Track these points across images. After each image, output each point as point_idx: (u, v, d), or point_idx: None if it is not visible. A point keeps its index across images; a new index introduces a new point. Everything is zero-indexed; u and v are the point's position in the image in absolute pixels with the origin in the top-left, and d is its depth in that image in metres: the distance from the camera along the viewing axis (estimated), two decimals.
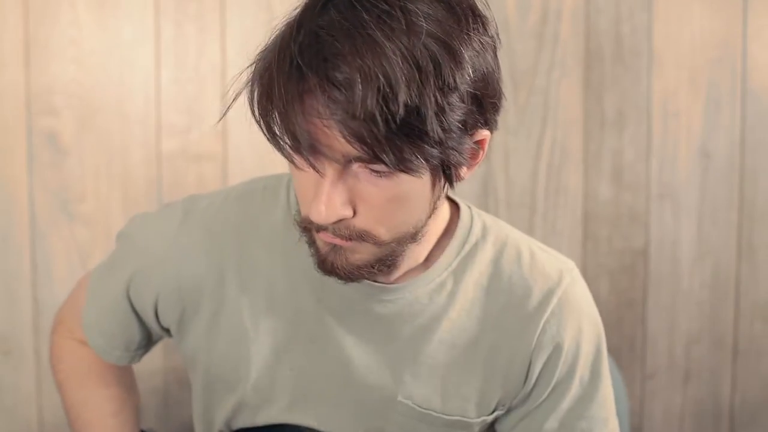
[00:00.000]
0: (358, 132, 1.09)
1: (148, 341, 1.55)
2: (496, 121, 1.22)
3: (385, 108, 1.08)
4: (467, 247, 1.39)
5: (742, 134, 2.33)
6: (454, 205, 1.42)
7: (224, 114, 1.20)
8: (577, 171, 2.29)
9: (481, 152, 1.22)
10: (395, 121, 1.08)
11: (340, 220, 1.19)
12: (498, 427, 1.46)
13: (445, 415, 1.40)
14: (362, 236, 1.21)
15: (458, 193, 1.28)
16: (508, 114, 2.26)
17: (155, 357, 2.15)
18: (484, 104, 1.17)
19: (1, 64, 2.05)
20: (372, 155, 1.11)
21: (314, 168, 1.15)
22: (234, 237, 1.40)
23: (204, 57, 2.12)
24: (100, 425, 1.55)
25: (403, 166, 1.12)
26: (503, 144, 2.27)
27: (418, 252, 1.34)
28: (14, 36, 2.05)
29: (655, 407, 2.39)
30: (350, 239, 1.21)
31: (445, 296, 1.37)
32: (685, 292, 2.36)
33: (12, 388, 2.14)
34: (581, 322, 1.40)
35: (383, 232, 1.22)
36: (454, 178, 1.22)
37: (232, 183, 1.64)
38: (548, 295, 1.38)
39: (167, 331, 1.49)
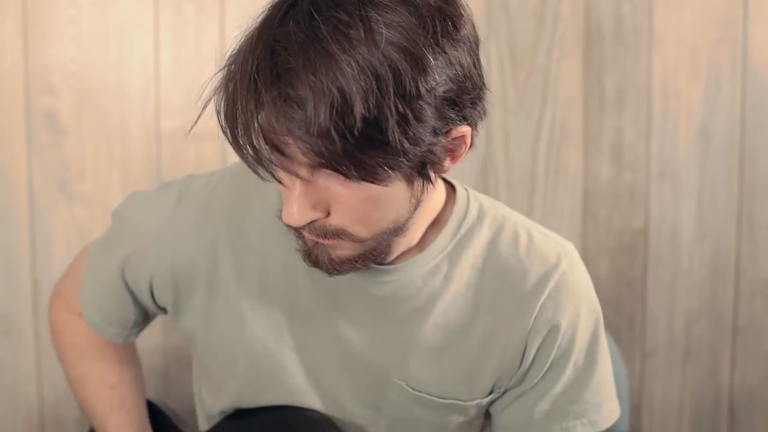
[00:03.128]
0: (316, 147, 1.09)
1: (144, 319, 1.55)
2: (479, 113, 1.21)
3: (340, 123, 1.07)
4: (463, 230, 1.38)
5: (743, 114, 2.32)
6: (451, 188, 1.41)
7: (195, 123, 1.19)
8: (577, 150, 2.29)
9: (464, 146, 1.21)
10: (353, 134, 1.08)
11: (314, 221, 1.20)
12: (491, 409, 1.46)
13: (439, 397, 1.40)
14: (339, 235, 1.21)
15: (457, 172, 1.28)
16: (507, 94, 2.25)
17: (155, 335, 2.15)
18: (460, 103, 1.16)
19: (0, 44, 2.05)
20: (332, 168, 1.12)
21: (277, 179, 1.16)
22: (228, 218, 1.41)
23: (203, 36, 2.12)
24: (101, 398, 1.57)
25: (367, 176, 1.13)
26: (503, 124, 2.26)
27: (411, 235, 1.34)
28: (13, 16, 2.05)
29: (654, 386, 2.39)
30: (327, 237, 1.22)
31: (440, 279, 1.37)
32: (684, 271, 2.36)
33: (12, 367, 2.15)
34: (579, 306, 1.40)
35: (361, 230, 1.22)
36: (433, 177, 1.22)
37: (231, 162, 1.64)
38: (545, 278, 1.38)
39: (163, 309, 1.50)
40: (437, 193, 1.36)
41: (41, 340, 2.12)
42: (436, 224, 1.38)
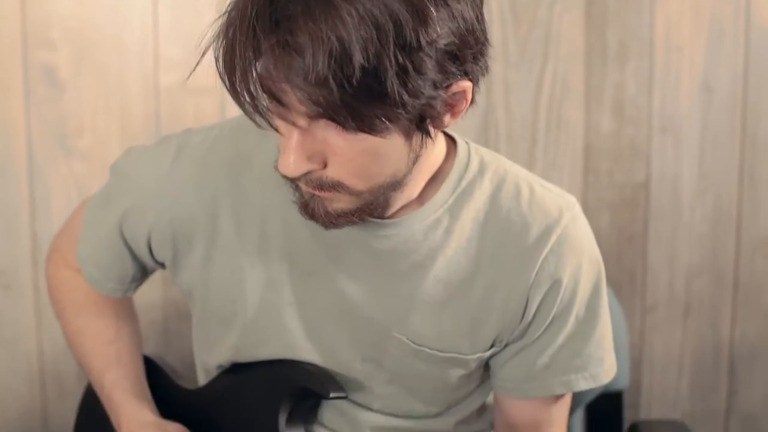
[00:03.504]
0: (313, 96, 1.09)
1: (142, 274, 1.55)
2: (480, 69, 1.20)
3: (338, 72, 1.07)
4: (464, 184, 1.38)
5: (746, 68, 2.31)
6: (452, 141, 1.40)
7: (194, 69, 1.18)
8: (579, 105, 2.28)
9: (464, 102, 1.20)
10: (351, 84, 1.07)
11: (310, 172, 1.20)
12: (492, 362, 1.46)
13: (440, 351, 1.40)
14: (335, 187, 1.21)
15: (457, 126, 1.27)
16: (509, 47, 2.24)
17: (155, 289, 2.15)
18: (462, 57, 1.15)
19: None
20: (329, 118, 1.11)
21: (273, 128, 1.16)
22: (227, 172, 1.40)
23: None
24: (97, 353, 1.57)
25: (364, 127, 1.12)
26: (504, 78, 2.25)
27: (411, 189, 1.33)
28: None
29: (654, 341, 2.40)
30: (323, 189, 1.22)
31: (441, 233, 1.37)
32: (686, 225, 2.35)
33: (11, 322, 2.15)
34: (581, 260, 1.39)
35: (357, 183, 1.21)
36: (432, 131, 1.21)
37: (229, 116, 1.63)
38: (547, 231, 1.37)
39: (162, 264, 1.49)
40: (438, 147, 1.35)
41: (41, 294, 2.12)
42: (437, 178, 1.37)
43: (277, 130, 1.18)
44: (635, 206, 2.33)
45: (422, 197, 1.36)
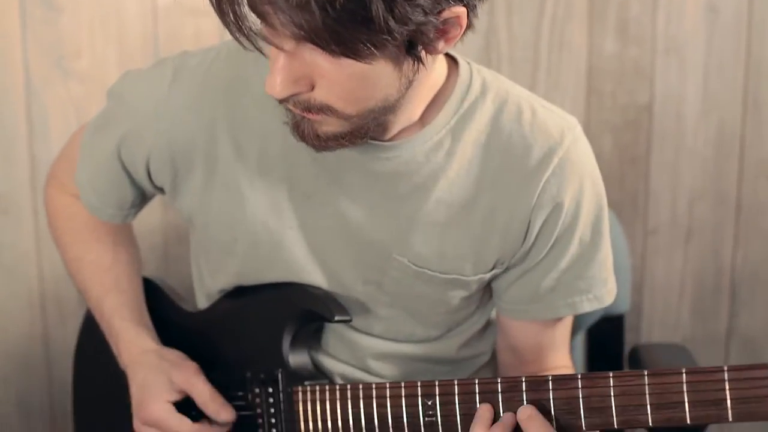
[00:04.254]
0: (296, 19, 1.08)
1: (141, 200, 1.55)
2: None
3: None
4: (466, 105, 1.36)
5: None
6: (453, 62, 1.39)
7: None
8: (582, 25, 2.25)
9: (458, 28, 1.18)
10: (334, 8, 1.06)
11: (297, 94, 1.19)
12: (495, 285, 1.46)
13: (441, 273, 1.40)
14: (323, 110, 1.20)
15: (458, 47, 1.25)
16: None
17: (154, 214, 2.15)
18: None
19: None
20: (311, 42, 1.10)
21: (258, 50, 1.15)
22: (226, 95, 1.39)
23: None
24: (96, 280, 1.57)
25: (348, 52, 1.11)
26: None
27: (410, 112, 1.32)
28: None
29: (656, 264, 2.40)
30: (311, 112, 1.21)
31: (442, 155, 1.35)
32: (689, 148, 2.34)
33: (11, 246, 2.15)
34: (583, 182, 1.38)
35: (345, 107, 1.20)
36: (425, 57, 1.19)
37: (228, 38, 1.59)
38: (549, 153, 1.36)
39: (161, 189, 1.49)
40: (438, 69, 1.33)
41: (40, 218, 2.12)
42: (438, 99, 1.36)
43: (262, 51, 1.17)
44: (638, 128, 2.32)
45: (424, 119, 1.35)
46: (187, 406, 1.45)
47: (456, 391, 1.27)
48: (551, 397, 1.20)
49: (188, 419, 1.43)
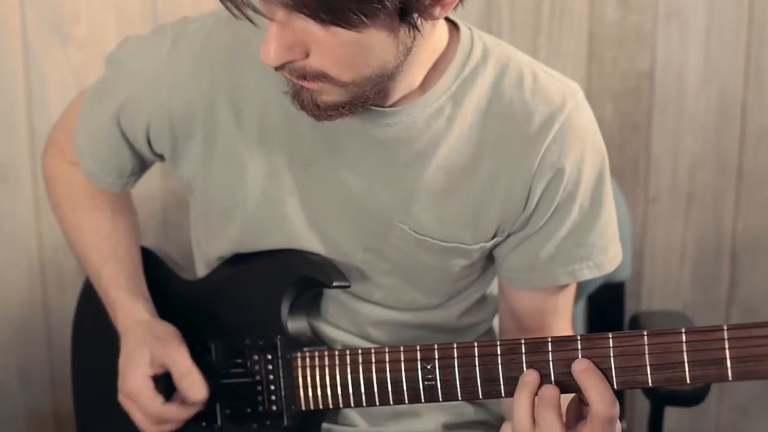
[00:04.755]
0: None
1: (141, 168, 1.54)
2: None
3: None
4: (467, 71, 1.35)
5: None
6: (454, 27, 1.38)
7: None
8: None
9: None
10: None
11: (292, 61, 1.18)
12: (496, 252, 1.45)
13: (443, 241, 1.39)
14: (319, 77, 1.19)
15: (459, 12, 1.24)
16: None
17: (154, 180, 2.14)
18: None
19: None
20: (299, 11, 1.10)
21: (246, 17, 1.14)
22: (225, 61, 1.39)
23: None
24: (94, 248, 1.57)
25: (338, 21, 1.10)
26: None
27: (410, 78, 1.31)
28: None
29: (657, 231, 2.39)
30: (307, 79, 1.20)
31: (443, 121, 1.35)
32: (690, 115, 2.33)
33: (10, 215, 2.15)
34: (584, 149, 1.38)
35: (342, 74, 1.19)
36: (421, 24, 1.18)
37: None
38: (550, 119, 1.36)
39: (160, 156, 1.48)
40: (438, 35, 1.32)
41: (39, 186, 2.11)
42: (439, 65, 1.35)
43: (252, 21, 1.16)
44: (639, 95, 2.31)
45: (424, 85, 1.34)
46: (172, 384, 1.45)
47: (455, 355, 1.26)
48: (550, 359, 1.20)
49: (161, 398, 1.43)
